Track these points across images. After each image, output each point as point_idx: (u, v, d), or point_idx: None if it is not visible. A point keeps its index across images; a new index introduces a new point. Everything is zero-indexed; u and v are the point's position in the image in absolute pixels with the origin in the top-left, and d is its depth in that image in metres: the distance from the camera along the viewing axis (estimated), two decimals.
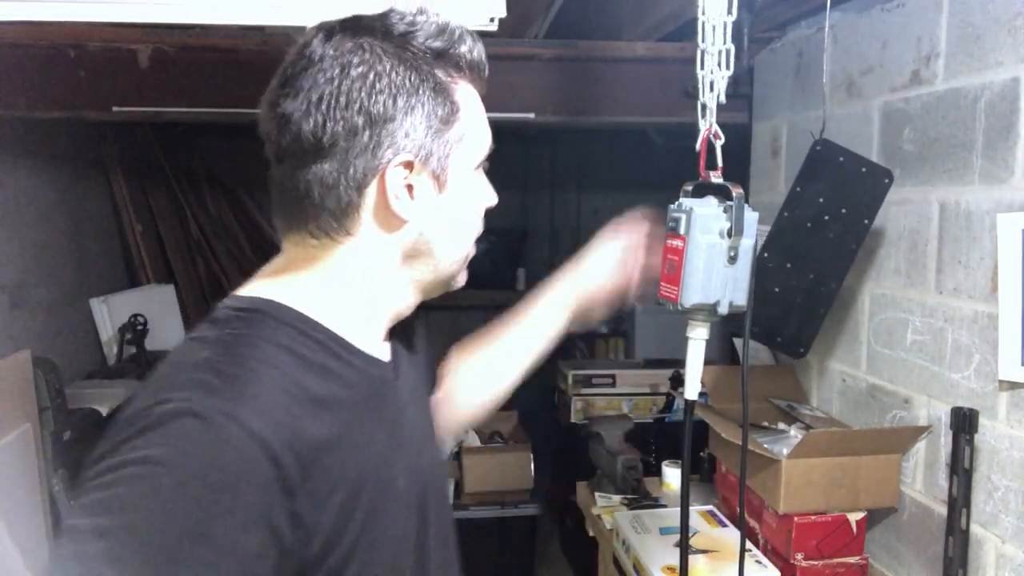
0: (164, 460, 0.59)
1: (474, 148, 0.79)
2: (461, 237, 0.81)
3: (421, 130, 0.73)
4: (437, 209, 0.77)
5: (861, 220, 1.63)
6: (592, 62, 2.42)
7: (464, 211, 0.80)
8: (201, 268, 4.15)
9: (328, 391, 0.70)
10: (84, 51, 2.24)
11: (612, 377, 3.12)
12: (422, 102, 0.73)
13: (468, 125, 0.77)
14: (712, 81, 0.97)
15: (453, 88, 0.76)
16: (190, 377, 0.64)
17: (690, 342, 0.97)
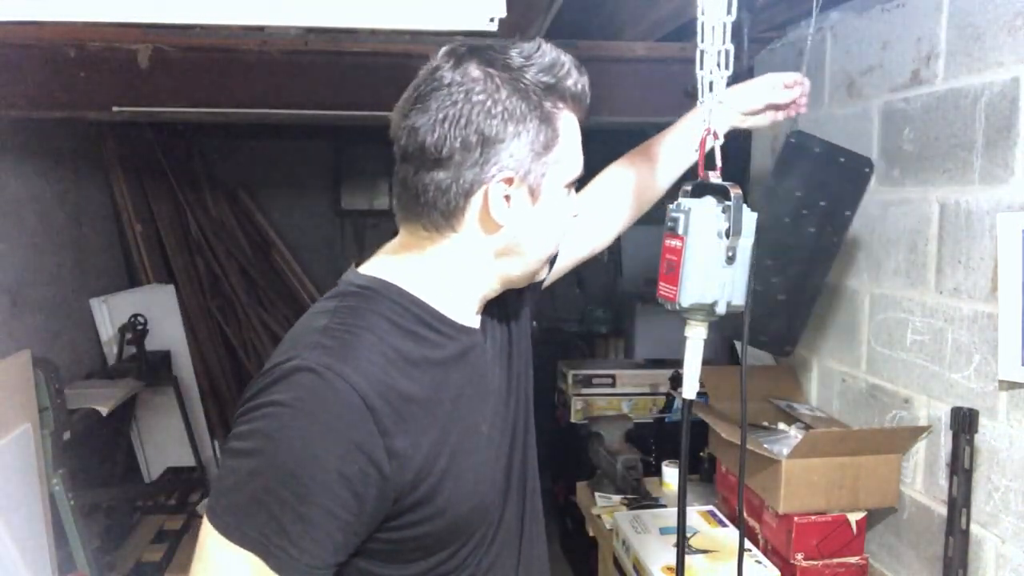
0: (287, 403, 0.77)
1: (568, 169, 0.90)
2: (548, 241, 0.93)
3: (524, 152, 0.86)
4: (530, 218, 0.89)
5: (842, 212, 1.59)
6: (592, 62, 2.40)
7: (553, 220, 0.92)
8: (201, 268, 4.15)
9: (420, 354, 0.86)
10: (84, 51, 2.24)
11: (612, 377, 3.12)
12: (528, 129, 0.85)
13: (565, 150, 0.89)
14: (712, 81, 0.97)
15: (556, 117, 0.87)
16: (309, 340, 0.82)
17: (688, 342, 0.97)
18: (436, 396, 0.86)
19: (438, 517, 0.85)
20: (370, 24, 1.35)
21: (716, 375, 1.98)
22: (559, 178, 0.89)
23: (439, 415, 0.85)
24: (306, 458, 0.76)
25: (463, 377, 0.91)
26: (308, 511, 0.76)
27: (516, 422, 1.01)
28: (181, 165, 4.16)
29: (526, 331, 1.11)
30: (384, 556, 0.85)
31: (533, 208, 0.89)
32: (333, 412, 0.77)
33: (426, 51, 0.84)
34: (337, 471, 0.76)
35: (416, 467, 0.82)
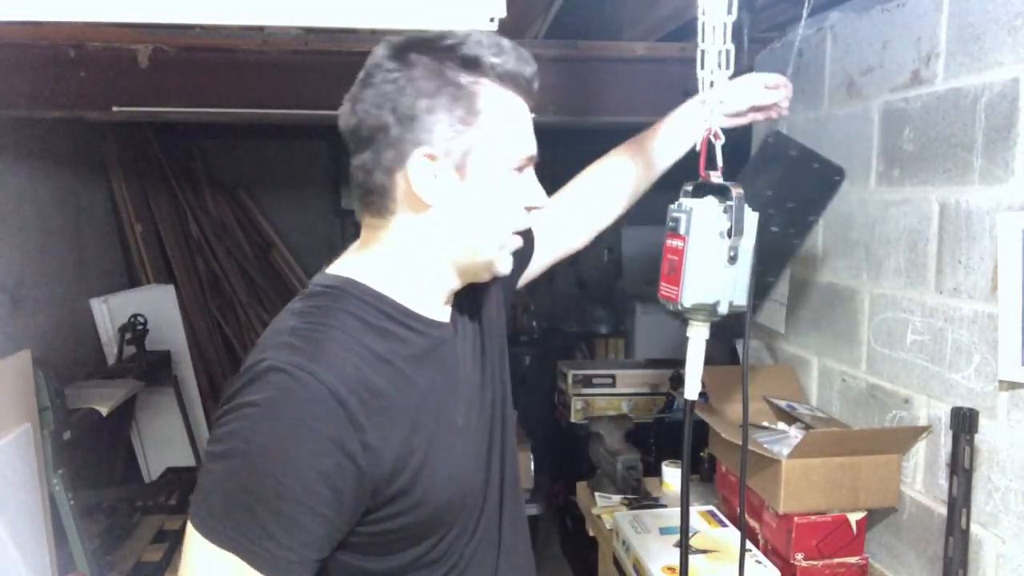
0: (260, 403, 0.79)
1: (503, 149, 0.89)
2: (491, 227, 0.91)
3: (443, 127, 0.86)
4: (460, 198, 0.89)
5: (807, 216, 1.59)
6: (592, 62, 2.42)
7: (493, 204, 0.90)
8: (201, 268, 4.15)
9: (389, 349, 0.88)
10: (84, 51, 2.24)
11: (612, 377, 3.12)
12: (440, 103, 0.85)
13: (494, 127, 0.88)
14: (712, 81, 0.97)
15: (476, 92, 0.87)
16: (279, 341, 0.85)
17: (690, 342, 0.97)
18: (407, 390, 0.88)
19: (417, 508, 0.87)
20: (370, 24, 1.35)
21: (716, 375, 1.98)
22: (493, 157, 0.89)
23: (412, 408, 0.87)
24: (281, 456, 0.78)
25: (434, 370, 0.93)
26: (287, 508, 0.78)
27: (493, 413, 1.03)
28: (181, 165, 4.16)
29: (499, 324, 1.13)
30: (367, 549, 0.87)
31: (462, 185, 0.88)
32: (305, 409, 0.79)
33: None
34: (313, 467, 0.78)
35: (392, 460, 0.83)
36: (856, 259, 1.81)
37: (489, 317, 1.10)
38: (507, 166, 0.90)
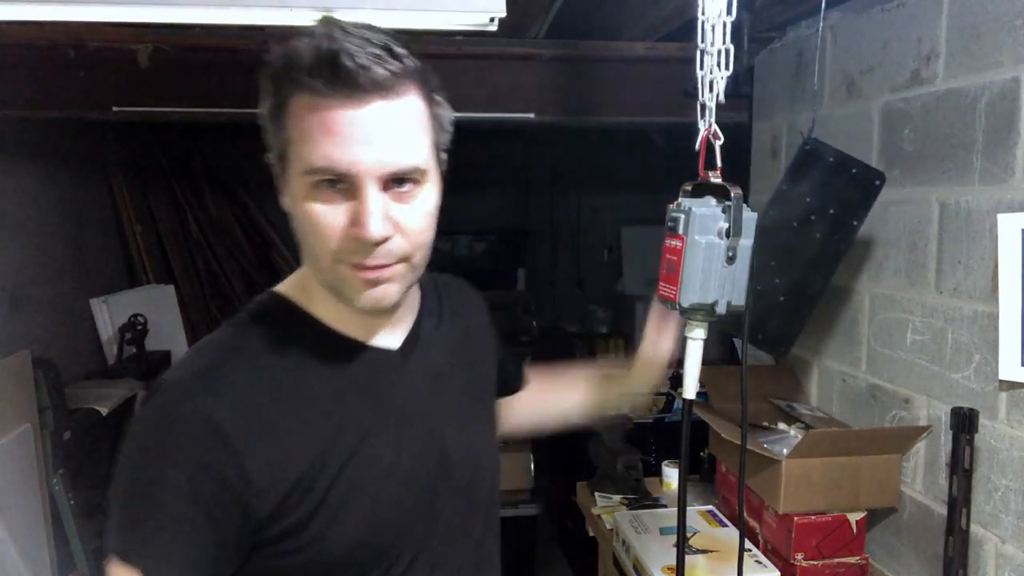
0: (143, 421, 0.79)
1: (298, 165, 0.78)
2: (308, 244, 0.82)
3: (271, 133, 0.81)
4: (288, 209, 0.83)
5: (850, 221, 1.60)
6: (592, 62, 2.42)
7: (299, 219, 0.81)
8: (201, 268, 4.15)
9: (297, 376, 0.83)
10: (84, 51, 2.24)
11: None
12: (268, 108, 0.80)
13: (293, 134, 0.78)
14: (712, 81, 0.97)
15: (288, 98, 0.78)
16: (183, 360, 0.83)
17: (688, 342, 0.97)
18: (316, 422, 0.82)
19: (317, 548, 0.81)
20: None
21: (716, 375, 1.98)
22: (294, 168, 0.79)
23: (318, 441, 0.81)
24: (158, 479, 0.76)
25: (361, 401, 0.86)
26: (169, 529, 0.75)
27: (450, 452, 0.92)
28: (181, 165, 4.16)
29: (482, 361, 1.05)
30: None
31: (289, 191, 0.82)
32: (181, 432, 0.76)
33: (426, 51, 0.83)
34: (187, 493, 0.75)
35: (281, 494, 0.78)
36: (856, 259, 1.81)
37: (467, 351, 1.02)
38: (302, 179, 0.78)
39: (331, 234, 0.78)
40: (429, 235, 0.84)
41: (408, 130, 0.79)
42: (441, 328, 0.99)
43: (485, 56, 2.34)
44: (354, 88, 0.75)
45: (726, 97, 0.98)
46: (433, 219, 0.84)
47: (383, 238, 0.78)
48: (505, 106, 2.39)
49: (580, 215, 5.27)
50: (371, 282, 0.80)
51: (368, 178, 0.76)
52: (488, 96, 2.38)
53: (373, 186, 0.77)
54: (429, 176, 0.82)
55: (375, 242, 0.77)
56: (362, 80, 0.74)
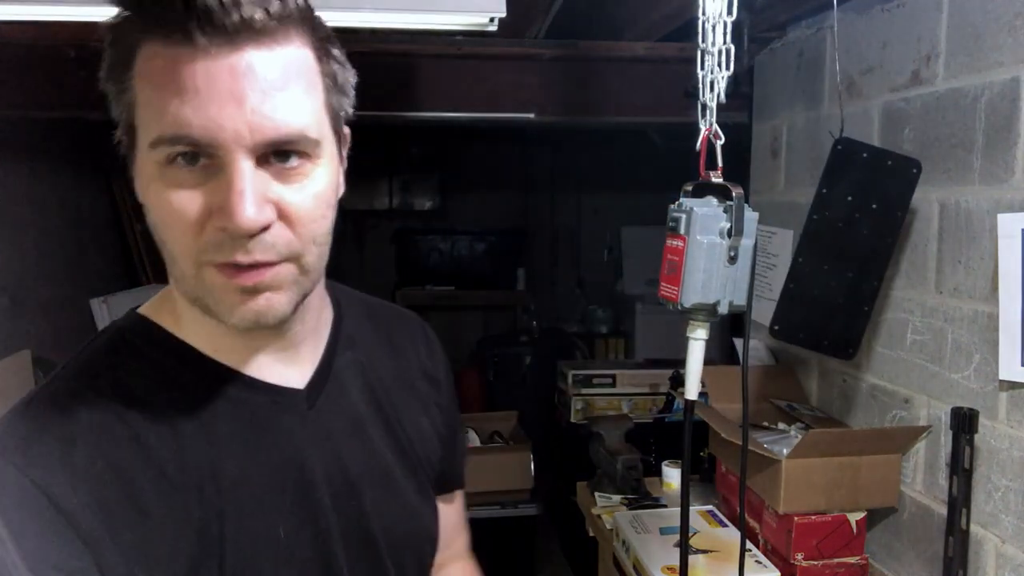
0: None
1: (143, 129, 0.60)
2: (163, 243, 0.63)
3: (113, 99, 0.63)
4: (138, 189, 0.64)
5: (894, 212, 1.60)
6: (592, 62, 2.42)
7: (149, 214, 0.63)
8: None
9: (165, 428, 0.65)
10: (84, 51, 2.24)
11: (612, 377, 3.12)
12: (107, 66, 0.62)
13: (139, 99, 0.60)
14: (712, 81, 0.97)
15: (134, 48, 0.59)
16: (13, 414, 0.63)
17: (690, 342, 0.97)
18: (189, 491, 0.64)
19: None
20: (370, 24, 1.35)
21: (716, 375, 1.98)
22: (141, 134, 0.61)
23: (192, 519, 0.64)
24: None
25: (249, 455, 0.67)
26: None
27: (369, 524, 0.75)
28: None
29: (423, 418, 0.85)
30: None
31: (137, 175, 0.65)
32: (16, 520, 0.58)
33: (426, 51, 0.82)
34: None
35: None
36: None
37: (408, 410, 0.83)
38: (149, 155, 0.61)
39: (189, 227, 0.59)
40: (324, 227, 0.65)
41: (292, 87, 0.60)
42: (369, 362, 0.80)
43: (485, 56, 2.34)
44: (217, 31, 0.56)
45: (726, 97, 0.98)
46: (329, 207, 0.65)
47: (260, 225, 0.59)
48: (505, 106, 2.39)
49: (580, 215, 5.28)
50: (248, 291, 0.61)
51: (237, 148, 0.58)
52: (488, 96, 2.38)
53: (244, 159, 0.58)
54: (323, 150, 0.64)
55: (248, 231, 0.58)
56: (228, 21, 0.56)
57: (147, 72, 0.59)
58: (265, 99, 0.58)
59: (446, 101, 2.34)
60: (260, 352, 0.70)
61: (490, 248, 5.02)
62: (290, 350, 0.72)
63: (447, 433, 0.89)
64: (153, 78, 0.58)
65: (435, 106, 2.34)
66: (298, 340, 0.73)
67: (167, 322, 0.70)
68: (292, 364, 0.73)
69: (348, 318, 0.81)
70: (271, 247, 0.61)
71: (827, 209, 1.64)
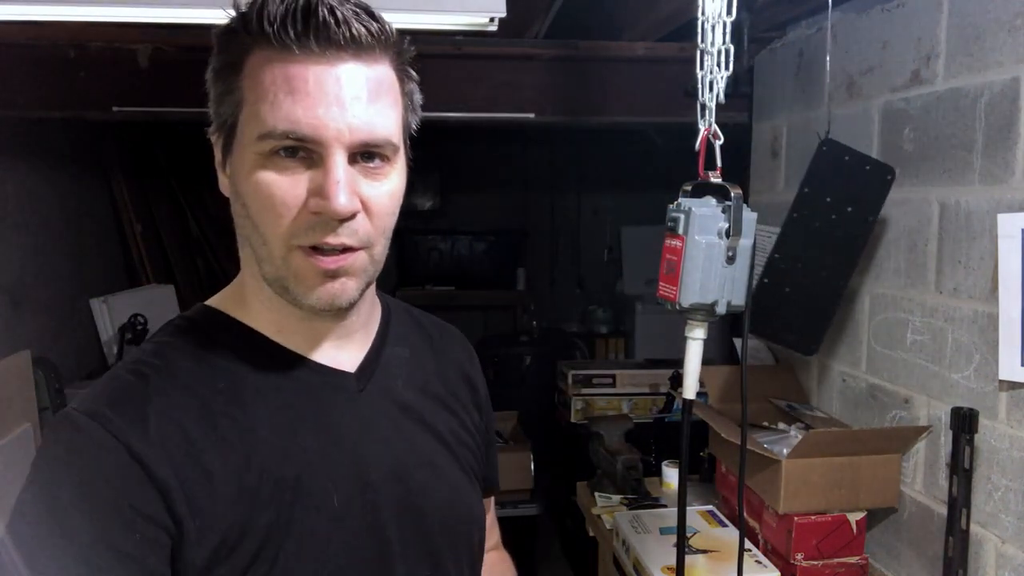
0: (39, 464, 0.67)
1: (251, 129, 0.68)
2: (254, 229, 0.70)
3: (216, 99, 0.72)
4: (231, 188, 0.72)
5: (866, 217, 1.63)
6: (592, 62, 2.42)
7: (247, 199, 0.70)
8: (201, 268, 4.15)
9: (230, 399, 0.71)
10: (84, 51, 2.24)
11: (612, 377, 3.12)
12: (215, 69, 0.71)
13: (247, 102, 0.68)
14: (712, 81, 0.97)
15: (244, 55, 0.68)
16: (97, 383, 0.71)
17: (688, 342, 0.97)
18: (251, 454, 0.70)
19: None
20: None
21: (716, 375, 1.98)
22: (244, 136, 0.69)
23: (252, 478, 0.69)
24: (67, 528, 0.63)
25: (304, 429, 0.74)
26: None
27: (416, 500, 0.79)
28: (181, 165, 4.16)
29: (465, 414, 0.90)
30: None
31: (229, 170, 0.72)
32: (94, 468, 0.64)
33: (426, 51, 0.82)
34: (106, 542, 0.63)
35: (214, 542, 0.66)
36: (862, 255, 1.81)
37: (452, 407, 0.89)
38: (254, 146, 0.68)
39: (286, 210, 0.67)
40: (393, 222, 0.74)
41: (383, 99, 0.69)
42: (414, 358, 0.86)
43: (485, 56, 2.34)
44: (328, 43, 0.65)
45: (726, 97, 0.98)
46: (398, 206, 0.74)
47: (351, 211, 0.67)
48: (505, 106, 2.39)
49: (580, 215, 5.28)
50: (330, 274, 0.69)
51: (336, 144, 0.66)
52: (488, 96, 2.38)
53: (341, 155, 0.67)
54: (399, 156, 0.73)
55: (342, 216, 0.67)
56: (339, 35, 0.65)
57: (259, 75, 0.67)
58: (363, 106, 0.67)
59: (446, 101, 2.34)
60: (319, 337, 0.77)
61: (490, 248, 5.02)
62: (345, 337, 0.79)
63: (485, 437, 0.96)
64: (265, 79, 0.66)
65: (435, 106, 2.34)
66: (353, 329, 0.80)
67: (234, 310, 0.77)
68: (345, 350, 0.79)
69: (396, 318, 0.89)
70: (355, 233, 0.69)
71: (806, 208, 1.66)
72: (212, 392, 0.71)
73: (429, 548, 0.80)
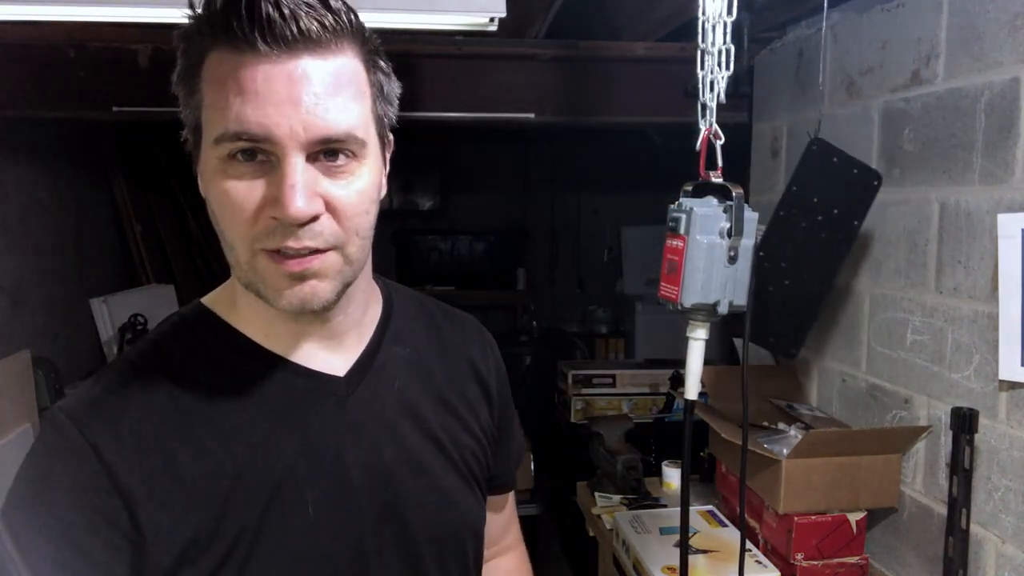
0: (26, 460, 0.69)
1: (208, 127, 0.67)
2: (220, 234, 0.70)
3: (182, 102, 0.71)
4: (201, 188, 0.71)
5: (851, 221, 1.63)
6: (592, 62, 2.42)
7: (210, 205, 0.69)
8: (201, 268, 4.15)
9: (209, 403, 0.71)
10: (84, 51, 2.24)
11: (612, 377, 3.12)
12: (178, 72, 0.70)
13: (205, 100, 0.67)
14: (712, 81, 0.97)
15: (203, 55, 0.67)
16: (91, 378, 0.72)
17: (690, 342, 0.97)
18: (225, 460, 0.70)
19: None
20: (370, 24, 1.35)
21: (716, 375, 1.98)
22: (206, 132, 0.68)
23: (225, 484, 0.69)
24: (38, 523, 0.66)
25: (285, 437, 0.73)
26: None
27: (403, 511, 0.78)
28: (181, 165, 4.16)
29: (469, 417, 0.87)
30: None
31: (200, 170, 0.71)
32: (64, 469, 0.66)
33: (426, 51, 0.82)
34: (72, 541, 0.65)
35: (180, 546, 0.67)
36: (856, 259, 1.81)
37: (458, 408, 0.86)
38: (213, 151, 0.67)
39: (245, 216, 0.66)
40: (367, 221, 0.71)
41: (342, 92, 0.66)
42: (416, 358, 0.84)
43: (485, 56, 2.34)
44: (277, 39, 0.63)
45: (726, 97, 0.98)
46: (372, 204, 0.71)
47: (308, 215, 0.65)
48: (505, 106, 2.39)
49: (580, 215, 5.28)
50: (295, 276, 0.67)
51: (291, 144, 0.64)
52: (488, 96, 2.38)
53: (297, 155, 0.64)
54: (368, 151, 0.69)
55: (298, 220, 0.64)
56: (286, 31, 0.63)
57: (213, 76, 0.66)
58: (318, 102, 0.65)
59: (446, 101, 2.34)
60: (305, 340, 0.76)
61: (490, 248, 5.02)
62: (334, 339, 0.77)
63: (498, 434, 0.92)
64: (218, 81, 0.65)
65: (435, 106, 2.34)
66: (342, 330, 0.78)
67: (224, 311, 0.76)
68: (335, 352, 0.78)
69: (398, 314, 0.86)
70: (319, 235, 0.67)
71: (793, 208, 1.66)
72: (194, 395, 0.71)
73: (412, 558, 0.79)
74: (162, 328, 0.77)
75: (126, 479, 0.66)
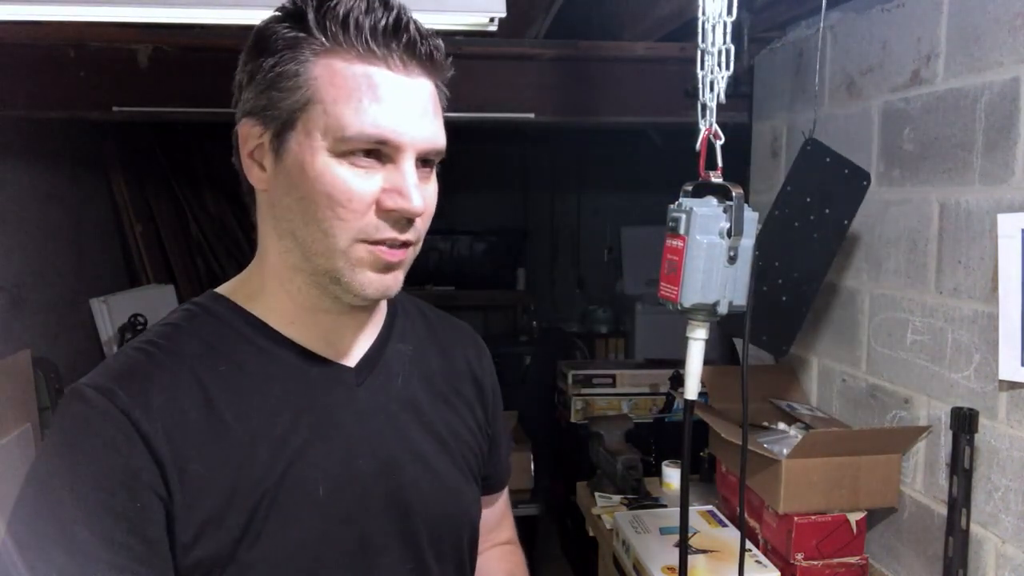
0: (52, 433, 0.71)
1: (325, 127, 0.71)
2: (313, 221, 0.72)
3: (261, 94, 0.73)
4: (278, 179, 0.74)
5: (841, 220, 1.64)
6: (592, 62, 2.42)
7: (309, 193, 0.72)
8: (201, 268, 4.15)
9: (228, 384, 0.74)
10: (84, 51, 2.24)
11: (612, 377, 3.12)
12: (263, 67, 0.72)
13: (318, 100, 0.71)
14: (712, 81, 0.97)
15: (304, 56, 0.71)
16: (107, 360, 0.75)
17: (690, 342, 0.97)
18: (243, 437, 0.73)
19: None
20: None
21: (716, 375, 1.98)
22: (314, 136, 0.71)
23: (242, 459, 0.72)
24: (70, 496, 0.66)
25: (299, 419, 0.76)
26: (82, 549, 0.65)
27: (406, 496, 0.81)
28: (181, 165, 4.16)
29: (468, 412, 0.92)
30: None
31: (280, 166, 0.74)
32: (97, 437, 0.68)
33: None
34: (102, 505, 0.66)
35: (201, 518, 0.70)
36: (856, 259, 1.81)
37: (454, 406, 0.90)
38: (322, 143, 0.71)
39: (360, 205, 0.71)
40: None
41: (438, 112, 0.77)
42: (417, 356, 0.88)
43: (485, 56, 2.34)
44: (411, 57, 0.72)
45: (726, 97, 0.98)
46: None
47: (423, 211, 0.74)
48: (505, 106, 2.39)
49: (580, 215, 5.28)
50: (389, 266, 0.74)
51: (411, 150, 0.73)
52: (488, 96, 2.38)
53: (412, 159, 0.73)
54: None
55: (417, 214, 0.73)
56: (420, 51, 0.72)
57: (335, 77, 0.71)
58: (430, 118, 0.75)
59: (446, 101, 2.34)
60: (326, 331, 0.80)
61: (490, 248, 5.02)
62: (352, 332, 0.82)
63: (491, 434, 0.98)
64: (345, 83, 0.71)
65: None
66: (365, 322, 0.83)
67: (243, 300, 0.80)
68: (350, 344, 0.82)
69: (402, 315, 0.90)
70: (416, 230, 0.75)
71: (787, 207, 1.66)
72: (213, 375, 0.74)
73: (413, 544, 0.82)
74: (179, 313, 0.79)
75: (158, 447, 0.68)
